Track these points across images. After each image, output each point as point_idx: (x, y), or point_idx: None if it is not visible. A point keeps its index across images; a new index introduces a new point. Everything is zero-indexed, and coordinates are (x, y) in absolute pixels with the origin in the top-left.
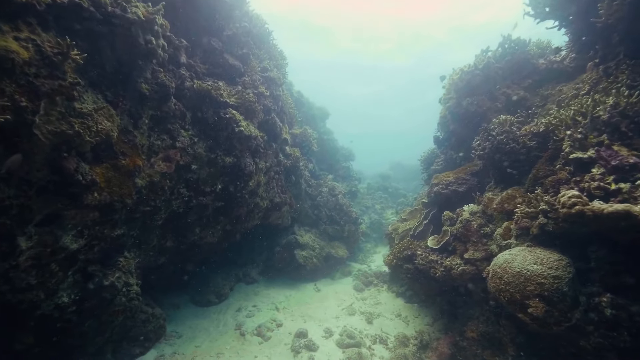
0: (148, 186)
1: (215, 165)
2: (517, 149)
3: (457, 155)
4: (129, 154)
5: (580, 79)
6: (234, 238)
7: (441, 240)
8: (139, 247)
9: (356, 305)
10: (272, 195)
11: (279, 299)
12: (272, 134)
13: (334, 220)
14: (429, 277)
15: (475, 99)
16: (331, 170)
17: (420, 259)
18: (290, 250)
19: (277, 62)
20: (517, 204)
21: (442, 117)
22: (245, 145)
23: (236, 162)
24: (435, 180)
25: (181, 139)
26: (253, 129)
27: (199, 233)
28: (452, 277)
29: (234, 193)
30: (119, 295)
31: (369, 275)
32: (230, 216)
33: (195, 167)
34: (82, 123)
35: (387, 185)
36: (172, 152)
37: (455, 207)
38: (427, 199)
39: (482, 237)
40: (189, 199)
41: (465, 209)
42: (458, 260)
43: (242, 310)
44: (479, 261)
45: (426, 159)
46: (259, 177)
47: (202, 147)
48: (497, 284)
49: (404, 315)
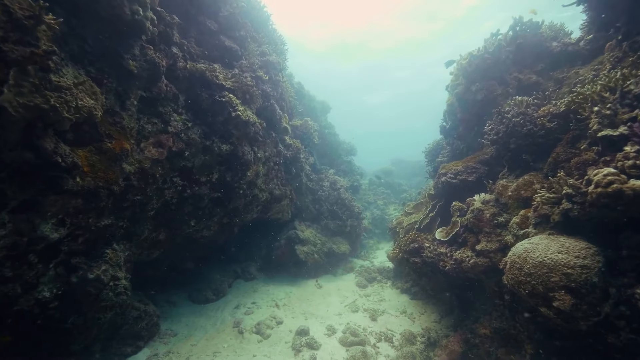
0: (138, 173)
1: (210, 152)
2: (534, 131)
3: (464, 146)
4: (116, 136)
5: (597, 60)
6: (232, 232)
7: (450, 232)
8: (129, 239)
9: (359, 302)
10: (272, 187)
11: (279, 295)
12: (271, 121)
13: (336, 215)
14: (438, 271)
15: (485, 84)
16: (333, 165)
17: (428, 252)
18: (290, 246)
19: (277, 47)
20: (536, 190)
21: (449, 104)
22: (243, 132)
23: (233, 150)
24: (443, 170)
25: (174, 124)
26: (251, 115)
27: (194, 226)
28: (463, 270)
29: (231, 183)
30: (105, 290)
31: (372, 272)
32: (227, 208)
33: (189, 154)
34: (60, 97)
35: (389, 180)
36: (163, 137)
37: (464, 197)
38: (434, 191)
39: (495, 227)
40: (182, 189)
41: (476, 198)
42: (469, 253)
43: (240, 307)
44: (493, 253)
45: (431, 150)
46: (258, 167)
47: (196, 133)
48: (516, 275)
49: (409, 312)
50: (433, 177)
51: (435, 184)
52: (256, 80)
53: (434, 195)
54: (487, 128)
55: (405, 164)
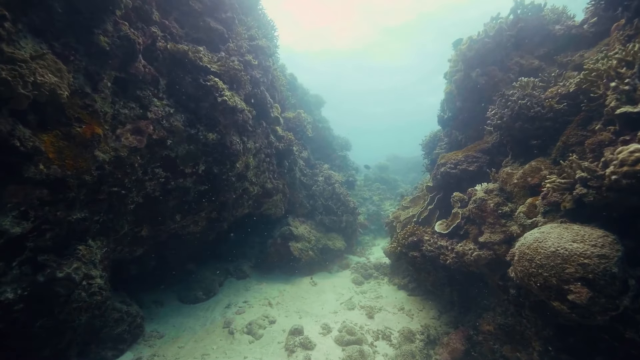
0: (114, 162)
1: (196, 142)
2: (542, 114)
3: (462, 137)
4: (87, 121)
5: (603, 43)
6: (221, 228)
7: (451, 224)
8: (106, 235)
9: (355, 299)
10: (263, 180)
11: (272, 294)
12: (261, 110)
13: (331, 210)
14: (438, 265)
15: (485, 70)
16: (327, 160)
17: (428, 245)
18: (284, 243)
19: (267, 32)
20: (544, 176)
21: (448, 93)
22: (231, 119)
23: (220, 139)
24: (442, 160)
25: (154, 109)
26: (239, 101)
27: (180, 221)
28: (465, 263)
29: (219, 175)
30: (77, 290)
31: (369, 268)
32: (215, 202)
33: (171, 143)
34: (13, 70)
35: (385, 176)
36: (142, 123)
37: (465, 188)
38: (432, 183)
39: (500, 217)
40: (166, 181)
41: (478, 188)
42: (471, 245)
43: (231, 306)
44: (497, 245)
45: (428, 143)
46: (248, 158)
47: (179, 120)
48: (525, 267)
49: (407, 309)
50: (430, 170)
51: (433, 175)
52: (244, 65)
53: (432, 188)
54: (490, 113)
55: (401, 160)
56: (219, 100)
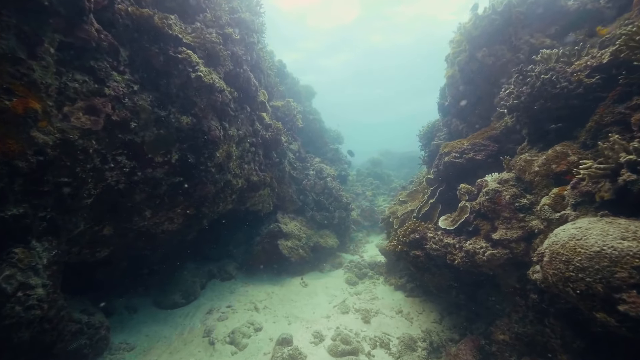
0: (60, 146)
1: (167, 126)
2: (569, 90)
3: (464, 126)
4: (20, 93)
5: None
6: (200, 225)
7: (458, 219)
8: (55, 234)
9: (350, 301)
10: (248, 172)
11: (259, 297)
12: (245, 93)
13: (323, 206)
14: (444, 266)
15: (492, 50)
16: (318, 153)
17: (432, 243)
18: (272, 241)
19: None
20: (573, 162)
21: (450, 77)
22: (208, 100)
23: (196, 123)
24: (445, 149)
25: (113, 85)
26: (217, 79)
27: (151, 218)
28: (476, 264)
29: (196, 166)
30: (9, 303)
31: (363, 267)
32: (192, 196)
33: (136, 126)
34: None
35: (378, 171)
36: (98, 101)
37: (470, 180)
38: (433, 175)
39: (517, 211)
40: (131, 171)
41: (489, 178)
42: (483, 243)
43: (213, 312)
44: (514, 242)
45: (425, 133)
46: (229, 147)
47: (146, 99)
48: (560, 270)
49: (405, 312)
50: (427, 163)
51: (435, 166)
52: (224, 39)
53: (433, 180)
54: (504, 93)
55: (393, 155)
56: (192, 76)
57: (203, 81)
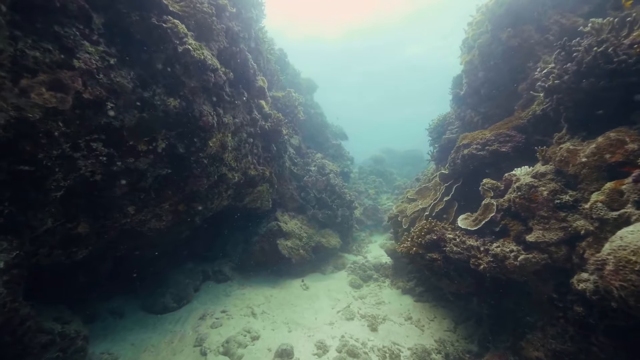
0: (15, 127)
1: (151, 108)
2: (629, 64)
3: (479, 117)
4: None
5: None
6: (192, 223)
7: (482, 219)
8: (17, 233)
9: (354, 306)
10: (245, 166)
11: (257, 300)
12: (242, 76)
13: (325, 203)
14: (465, 271)
15: (518, 30)
16: (320, 149)
17: (453, 245)
18: (271, 240)
19: None
20: (631, 151)
21: (468, 63)
22: (199, 80)
23: (186, 107)
24: (464, 141)
25: (84, 57)
26: (210, 56)
27: (135, 214)
28: (506, 270)
29: (186, 156)
30: None
31: (367, 268)
32: (182, 191)
33: (114, 107)
34: None
35: (380, 168)
36: (66, 74)
37: (491, 175)
38: (448, 170)
39: (556, 209)
40: (109, 160)
41: (518, 172)
42: (513, 246)
43: (207, 317)
44: (554, 245)
45: (436, 127)
46: (224, 136)
47: (125, 76)
48: (634, 283)
49: (415, 318)
50: (437, 159)
51: (451, 160)
52: (218, 11)
53: (448, 175)
54: (541, 73)
55: (395, 154)
56: (179, 49)
57: (192, 56)
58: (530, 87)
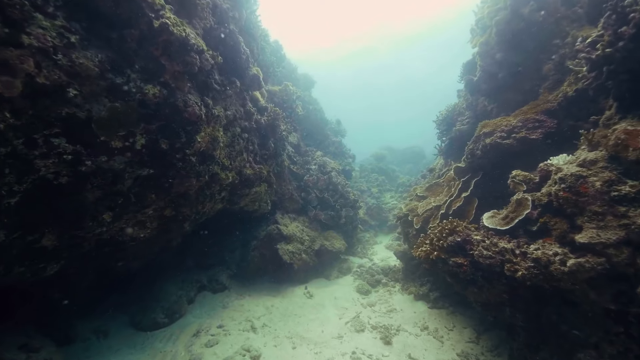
0: None
1: (125, 97)
2: None
3: (493, 106)
4: None
5: None
6: (182, 229)
7: (514, 216)
8: None
9: (364, 315)
10: (240, 164)
11: (257, 312)
12: (232, 62)
13: (327, 204)
14: (495, 276)
15: (542, 3)
16: (320, 147)
17: (482, 248)
18: (271, 245)
19: None
20: None
21: (482, 44)
22: (182, 64)
23: (167, 96)
24: (485, 129)
25: (36, 32)
26: (192, 34)
27: (113, 222)
28: (551, 277)
29: (171, 153)
30: None
31: (375, 272)
32: (168, 193)
33: (77, 94)
34: None
35: (382, 166)
36: (12, 53)
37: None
38: (465, 163)
39: (613, 203)
40: (76, 159)
41: (557, 160)
42: (557, 248)
43: (201, 334)
44: (613, 247)
45: (445, 118)
46: (215, 130)
47: (92, 58)
48: None
49: (432, 328)
50: (446, 153)
51: (469, 151)
52: None
53: (465, 169)
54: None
55: (395, 152)
56: (155, 25)
57: (171, 32)
58: (557, 66)
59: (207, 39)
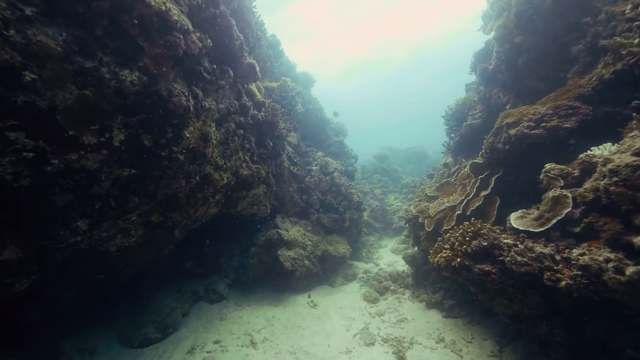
0: None
1: (97, 83)
2: None
3: (508, 97)
4: None
5: None
6: (171, 236)
7: (551, 216)
8: None
9: (373, 326)
10: (236, 163)
11: (257, 324)
12: (225, 49)
13: (330, 206)
14: (529, 286)
15: None
16: (320, 147)
17: (515, 254)
18: (271, 251)
19: None
20: None
21: (499, 28)
22: (163, 45)
23: (148, 83)
24: (508, 119)
25: None
26: (175, 10)
27: (90, 230)
28: (605, 287)
29: (154, 151)
30: None
31: (382, 278)
32: (154, 197)
33: (35, 78)
34: None
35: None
36: None
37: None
38: (484, 158)
39: None
40: (39, 157)
41: (600, 151)
42: (608, 253)
43: (196, 351)
44: None
45: (455, 113)
46: (205, 125)
47: (54, 35)
48: None
49: (449, 340)
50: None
51: (489, 146)
52: None
53: (483, 165)
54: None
55: (396, 152)
56: None
57: (147, 4)
58: (589, 47)
59: (194, 19)
